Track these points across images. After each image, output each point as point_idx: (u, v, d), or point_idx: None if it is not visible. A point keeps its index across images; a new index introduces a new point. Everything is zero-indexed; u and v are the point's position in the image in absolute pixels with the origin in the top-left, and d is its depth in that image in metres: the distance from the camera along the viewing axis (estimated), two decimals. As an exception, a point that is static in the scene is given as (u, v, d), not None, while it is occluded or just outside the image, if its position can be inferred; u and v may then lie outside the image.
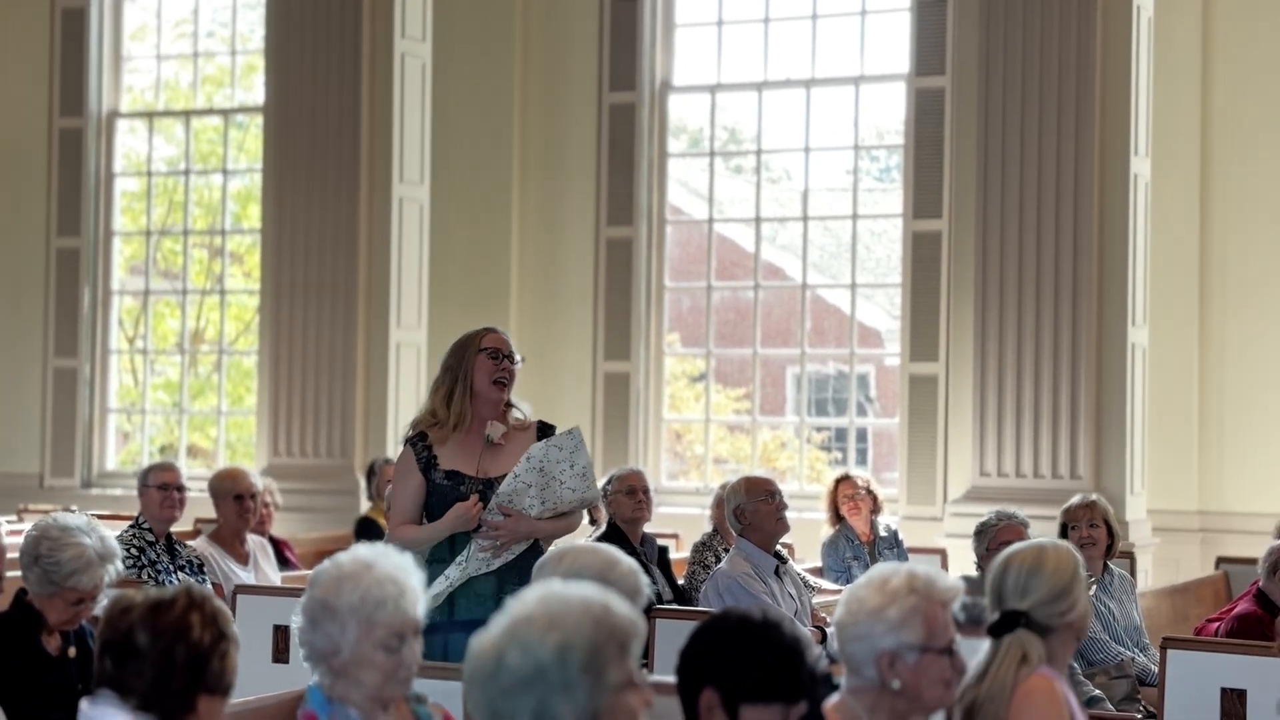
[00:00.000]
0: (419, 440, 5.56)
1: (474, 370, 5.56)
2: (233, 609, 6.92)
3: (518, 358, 5.62)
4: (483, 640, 2.72)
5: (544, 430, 5.64)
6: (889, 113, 12.94)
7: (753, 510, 6.92)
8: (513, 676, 2.63)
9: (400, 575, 3.48)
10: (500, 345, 5.59)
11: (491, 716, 2.67)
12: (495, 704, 2.65)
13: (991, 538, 6.94)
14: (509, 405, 5.64)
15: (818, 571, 8.90)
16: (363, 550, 3.54)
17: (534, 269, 12.75)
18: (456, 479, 5.51)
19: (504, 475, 5.47)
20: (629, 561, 3.97)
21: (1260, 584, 6.52)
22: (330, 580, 3.48)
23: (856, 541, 9.08)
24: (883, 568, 3.75)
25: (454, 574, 5.47)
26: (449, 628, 5.40)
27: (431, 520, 5.51)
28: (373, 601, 3.44)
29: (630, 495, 8.26)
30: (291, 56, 11.89)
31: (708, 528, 8.81)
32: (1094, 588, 7.29)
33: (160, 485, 7.36)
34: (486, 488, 5.48)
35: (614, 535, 8.20)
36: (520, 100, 12.76)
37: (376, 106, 11.70)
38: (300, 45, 11.84)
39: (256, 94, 13.82)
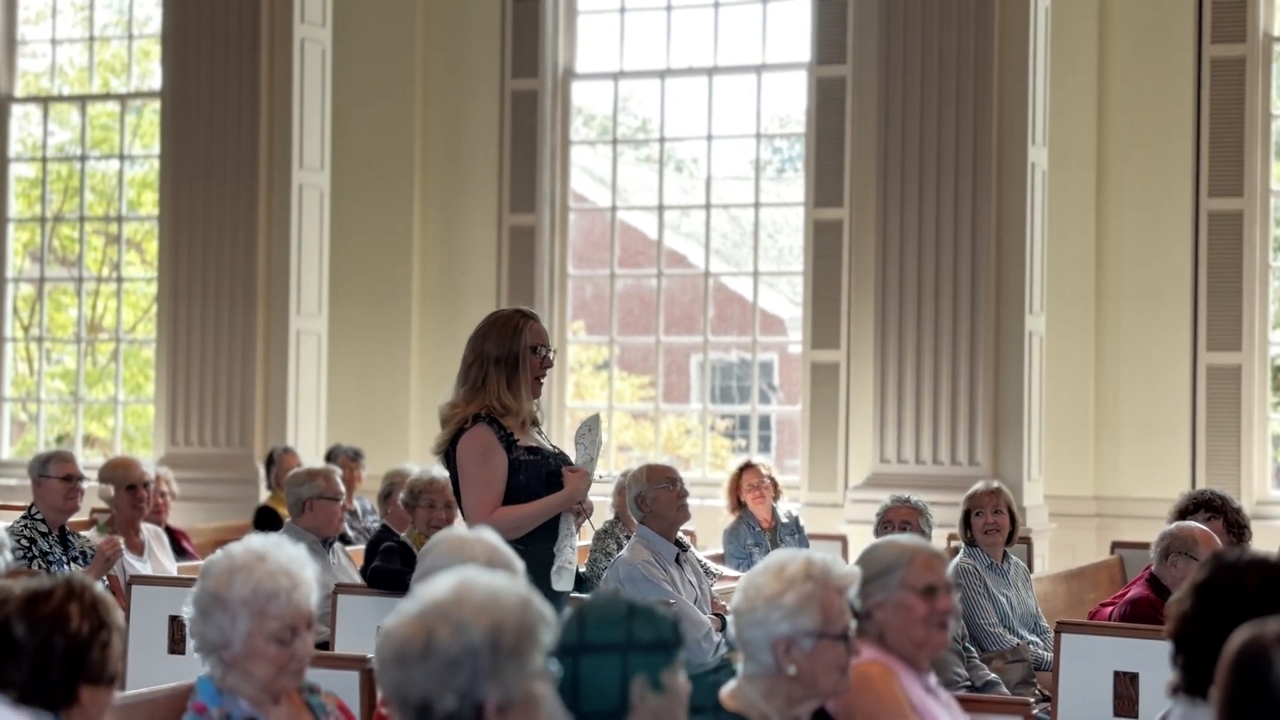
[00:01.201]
0: (491, 421, 5.31)
1: (526, 366, 5.37)
2: (127, 599, 6.85)
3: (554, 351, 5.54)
4: (401, 622, 2.69)
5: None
6: (791, 101, 13.00)
7: (654, 498, 6.95)
8: (443, 657, 2.62)
9: (294, 567, 3.45)
10: (544, 340, 5.45)
11: (417, 698, 2.64)
12: (421, 685, 2.63)
13: (881, 517, 7.05)
14: None
15: (719, 558, 8.93)
16: (256, 541, 3.49)
17: (436, 256, 12.68)
18: (541, 454, 5.36)
19: (562, 451, 5.44)
20: (506, 551, 3.94)
21: (1153, 568, 6.61)
22: (222, 572, 3.44)
23: (758, 528, 9.12)
24: (780, 554, 3.76)
25: (569, 554, 5.36)
26: None
27: (518, 500, 5.30)
28: (265, 594, 3.41)
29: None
30: (189, 41, 11.75)
31: (610, 515, 8.81)
32: (954, 582, 7.36)
33: (64, 476, 7.21)
34: (563, 462, 5.40)
35: (515, 523, 8.17)
36: (421, 86, 12.69)
37: (276, 92, 11.59)
38: (198, 30, 11.70)
39: (154, 79, 13.65)
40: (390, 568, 6.89)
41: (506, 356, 5.35)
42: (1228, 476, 10.76)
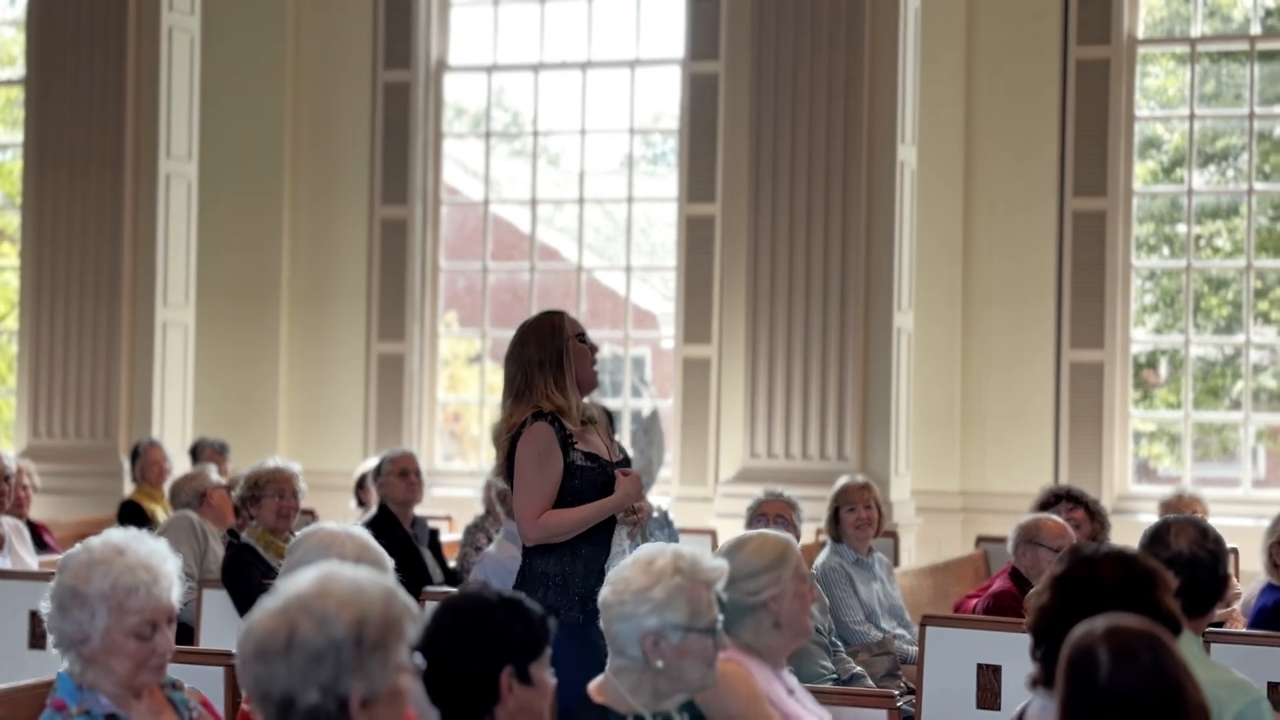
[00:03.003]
0: (553, 420, 5.08)
1: (574, 357, 5.14)
2: (-13, 595, 6.73)
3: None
4: (263, 616, 2.66)
5: (606, 412, 5.39)
6: (664, 97, 13.03)
7: (516, 497, 6.92)
8: (306, 650, 2.59)
9: (154, 561, 3.40)
10: (582, 328, 5.23)
11: (280, 692, 2.61)
12: (284, 679, 2.60)
13: (754, 511, 7.08)
14: None
15: (590, 553, 8.91)
16: (116, 535, 3.45)
17: (306, 247, 12.57)
18: (599, 462, 5.14)
19: (616, 457, 5.21)
20: (376, 548, 3.91)
21: (1012, 561, 6.73)
22: (80, 566, 3.39)
23: (628, 522, 9.11)
24: (649, 548, 3.80)
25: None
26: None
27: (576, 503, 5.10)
28: (124, 588, 3.36)
29: (402, 477, 8.24)
30: (54, 27, 11.52)
31: (480, 510, 8.79)
32: (814, 574, 7.42)
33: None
34: (617, 469, 5.20)
35: (385, 518, 8.14)
36: (292, 76, 12.56)
37: (143, 80, 11.40)
38: (63, 16, 11.48)
39: (17, 67, 13.37)
40: (256, 588, 6.62)
41: (550, 356, 5.11)
42: (1090, 472, 10.95)
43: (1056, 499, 7.45)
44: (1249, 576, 7.95)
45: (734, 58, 11.11)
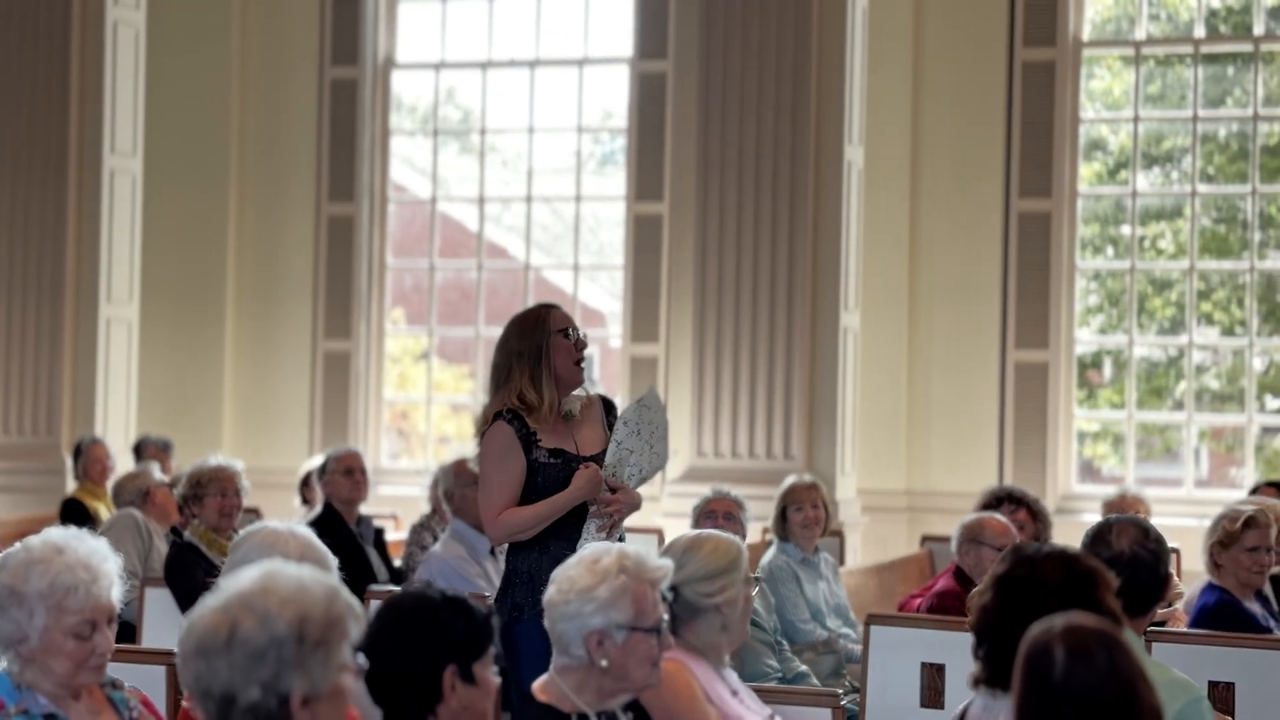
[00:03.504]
0: (514, 418, 5.05)
1: (553, 351, 5.11)
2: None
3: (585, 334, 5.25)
4: (205, 614, 2.65)
5: (605, 404, 5.31)
6: (613, 95, 13.03)
7: (460, 495, 6.93)
8: (247, 647, 2.58)
9: (94, 561, 3.38)
10: (571, 324, 5.19)
11: (220, 690, 2.60)
12: (225, 676, 2.59)
13: (702, 509, 7.09)
14: None
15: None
16: (55, 534, 3.43)
17: (252, 244, 12.50)
18: (564, 457, 5.07)
19: (597, 450, 5.13)
20: (320, 547, 3.88)
21: (955, 561, 6.77)
22: (19, 565, 3.37)
23: (574, 521, 9.10)
24: (594, 547, 3.81)
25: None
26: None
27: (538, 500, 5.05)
28: (62, 588, 3.34)
29: (347, 475, 8.22)
30: (-4, 20, 11.42)
31: (426, 508, 8.77)
32: (757, 574, 7.43)
33: None
34: (582, 464, 5.10)
35: (330, 516, 8.12)
36: (239, 72, 12.49)
37: (87, 75, 11.30)
38: (5, 9, 11.38)
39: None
40: (199, 586, 6.56)
41: (530, 349, 5.09)
42: (1034, 471, 11.01)
43: (999, 501, 7.49)
44: (1191, 576, 8.01)
45: (682, 57, 11.12)
